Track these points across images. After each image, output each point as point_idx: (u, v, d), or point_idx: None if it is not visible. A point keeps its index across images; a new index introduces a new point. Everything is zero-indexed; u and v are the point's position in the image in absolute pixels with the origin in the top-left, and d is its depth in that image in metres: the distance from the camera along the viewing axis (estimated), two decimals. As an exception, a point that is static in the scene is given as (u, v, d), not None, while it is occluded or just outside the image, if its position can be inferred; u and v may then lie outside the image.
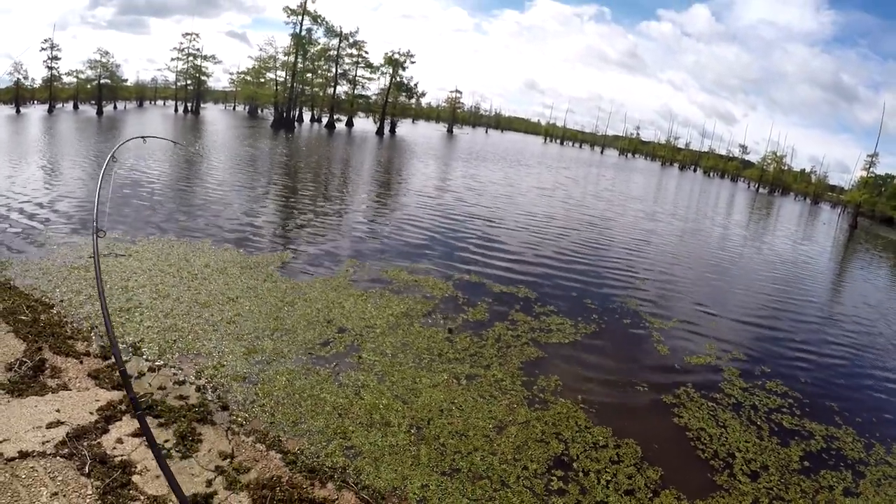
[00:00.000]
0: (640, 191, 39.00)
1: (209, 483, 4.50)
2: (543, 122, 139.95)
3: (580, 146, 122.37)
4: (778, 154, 79.94)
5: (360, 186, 24.98)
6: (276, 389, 6.28)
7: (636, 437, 6.23)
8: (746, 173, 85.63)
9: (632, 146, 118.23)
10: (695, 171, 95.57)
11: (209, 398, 5.94)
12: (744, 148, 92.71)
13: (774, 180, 76.31)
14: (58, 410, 5.27)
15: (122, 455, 4.71)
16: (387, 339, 8.03)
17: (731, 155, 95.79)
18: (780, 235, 26.69)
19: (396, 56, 76.78)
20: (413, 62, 78.70)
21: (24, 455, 4.55)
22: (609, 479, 5.43)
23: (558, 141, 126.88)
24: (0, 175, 18.39)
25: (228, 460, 4.85)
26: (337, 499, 4.56)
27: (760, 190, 73.26)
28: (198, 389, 6.09)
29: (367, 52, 77.75)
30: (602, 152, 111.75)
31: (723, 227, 25.45)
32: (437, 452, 5.45)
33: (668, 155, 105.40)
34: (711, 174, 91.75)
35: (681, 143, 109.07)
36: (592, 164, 67.48)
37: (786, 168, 79.55)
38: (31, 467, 4.43)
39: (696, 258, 16.69)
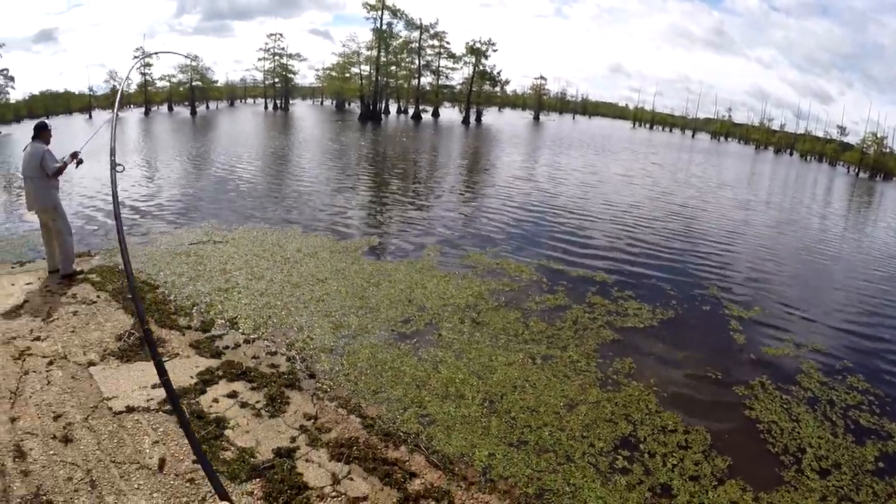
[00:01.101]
0: (732, 177, 37.29)
1: (293, 439, 4.92)
2: (631, 107, 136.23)
3: (670, 130, 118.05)
4: (878, 135, 74.49)
5: (446, 175, 25.39)
6: (359, 361, 6.69)
7: (706, 425, 6.16)
8: (845, 157, 79.30)
9: (723, 129, 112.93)
10: (790, 154, 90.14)
11: (298, 367, 6.42)
12: (842, 129, 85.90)
13: (875, 164, 70.55)
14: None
15: (217, 412, 5.22)
16: (466, 319, 8.31)
17: (828, 137, 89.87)
18: (880, 226, 25.12)
19: (478, 45, 76.89)
20: (495, 50, 78.70)
21: (130, 409, 5.15)
22: (675, 463, 5.43)
23: (647, 125, 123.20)
24: (104, 174, 19.81)
25: (312, 421, 5.27)
26: (408, 460, 4.88)
27: (861, 174, 67.91)
28: (288, 360, 6.59)
29: (448, 43, 78.36)
30: (693, 136, 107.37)
31: (819, 217, 24.00)
32: (507, 425, 5.67)
33: (762, 138, 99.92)
34: (808, 158, 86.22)
35: (775, 125, 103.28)
36: (682, 149, 65.06)
37: (887, 150, 73.77)
38: (136, 420, 5.00)
39: (787, 250, 15.90)
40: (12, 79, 70.77)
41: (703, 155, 59.05)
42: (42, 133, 8.73)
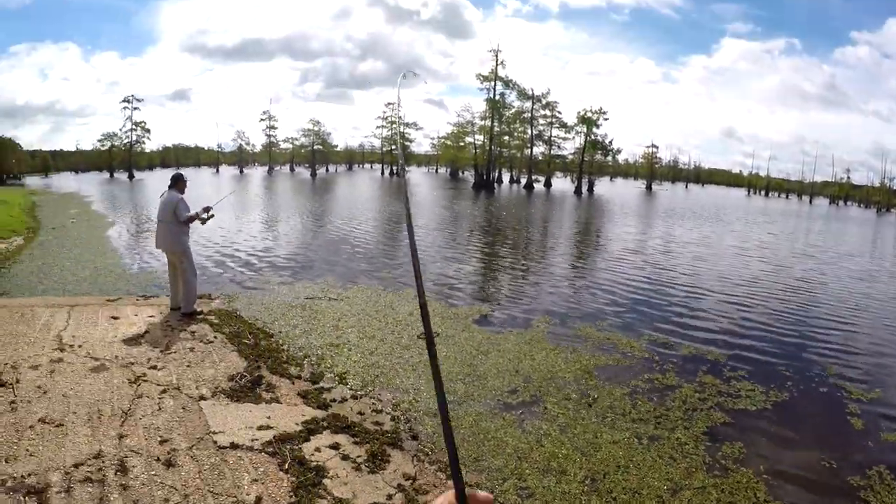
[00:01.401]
0: (853, 245, 34.87)
1: (390, 497, 4.94)
2: (745, 172, 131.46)
3: (786, 196, 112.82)
4: None
5: (557, 246, 25.33)
6: (463, 427, 6.68)
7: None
8: None
9: (842, 192, 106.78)
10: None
11: (401, 427, 6.48)
12: None
13: None
14: (268, 417, 6.10)
15: (317, 461, 5.33)
16: (572, 393, 8.15)
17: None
18: None
19: (589, 114, 77.11)
20: (606, 119, 78.71)
21: (234, 446, 5.36)
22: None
23: (762, 192, 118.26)
24: (230, 225, 21.22)
25: (410, 481, 5.27)
26: (502, 531, 4.80)
27: None
28: (392, 419, 6.67)
29: (559, 112, 79.25)
30: (811, 202, 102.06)
31: None
32: (608, 505, 5.46)
33: (884, 199, 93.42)
34: (937, 219, 79.82)
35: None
36: (800, 217, 62.09)
37: None
38: (239, 456, 5.20)
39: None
40: (148, 131, 78.69)
41: (821, 222, 55.91)
42: (178, 183, 9.60)
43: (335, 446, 5.68)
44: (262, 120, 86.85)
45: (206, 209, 9.67)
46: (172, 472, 4.80)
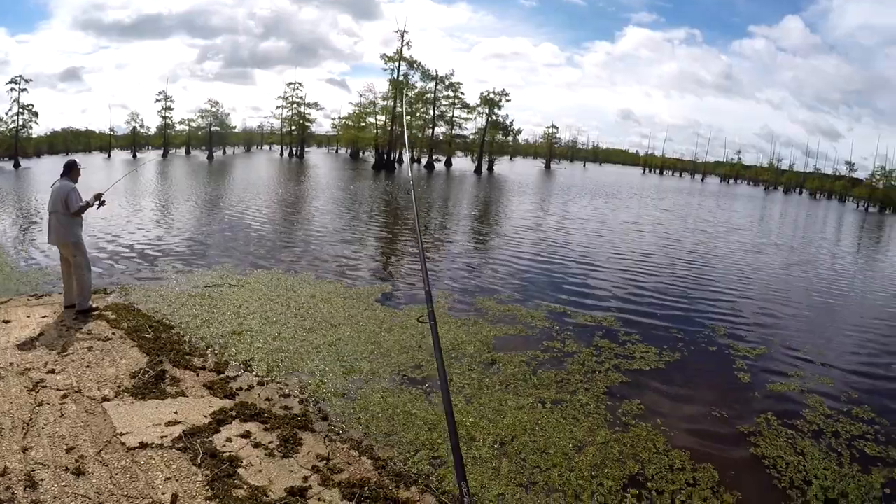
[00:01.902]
0: (742, 220, 37.23)
1: (305, 479, 4.97)
2: (641, 153, 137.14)
3: (680, 175, 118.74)
4: (887, 169, 74.62)
5: (457, 224, 25.66)
6: (371, 405, 6.76)
7: (713, 462, 6.18)
8: (855, 192, 79.40)
9: (733, 171, 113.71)
10: (800, 193, 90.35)
11: (311, 410, 6.49)
12: (850, 165, 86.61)
13: (885, 198, 70.49)
14: (175, 412, 5.97)
15: (230, 452, 5.29)
16: (476, 364, 8.40)
17: (837, 174, 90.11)
18: (890, 262, 25.00)
19: (492, 96, 78.16)
20: (508, 100, 79.97)
21: (143, 446, 5.22)
22: (683, 500, 5.46)
23: (657, 171, 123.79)
24: (121, 214, 20.27)
25: (324, 462, 5.32)
26: (418, 500, 4.91)
27: (870, 209, 67.80)
28: (301, 402, 6.67)
29: (462, 94, 79.63)
30: (703, 180, 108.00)
31: (829, 255, 23.78)
32: (517, 466, 5.71)
33: (772, 178, 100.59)
34: (818, 195, 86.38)
35: (784, 165, 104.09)
36: (692, 194, 65.58)
37: (896, 184, 73.72)
38: (150, 456, 5.07)
39: (796, 291, 15.75)
40: (36, 114, 72.70)
41: (712, 198, 59.28)
42: (71, 171, 9.06)
43: (246, 435, 5.65)
44: (157, 101, 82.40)
45: (98, 196, 9.20)
46: (83, 480, 4.63)
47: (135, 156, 68.33)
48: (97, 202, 9.14)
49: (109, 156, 64.84)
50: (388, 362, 8.17)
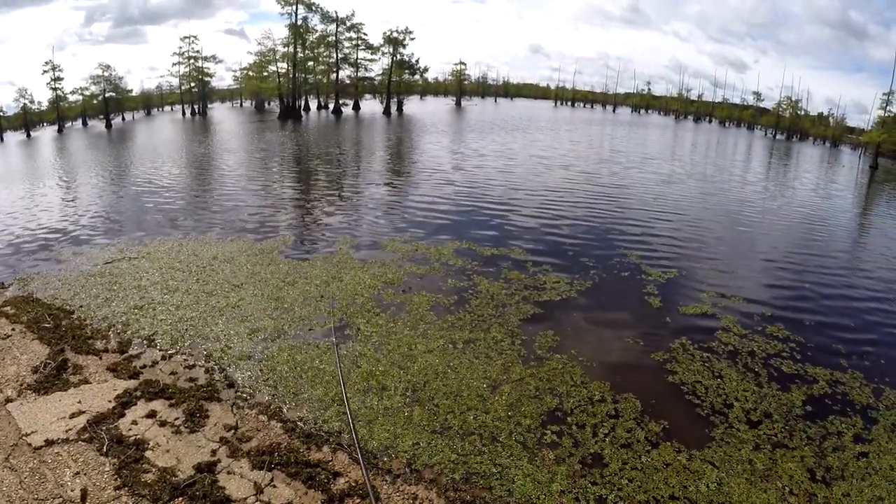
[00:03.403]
0: (655, 148, 38.05)
1: (214, 452, 4.90)
2: (552, 86, 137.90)
3: (591, 107, 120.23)
4: (793, 99, 77.94)
5: (365, 168, 25.23)
6: (278, 365, 6.69)
7: (634, 392, 6.37)
8: (762, 121, 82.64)
9: (644, 102, 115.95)
10: (710, 122, 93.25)
11: (217, 378, 6.38)
12: (758, 95, 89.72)
13: (791, 126, 73.76)
14: (79, 402, 5.76)
15: (136, 435, 5.16)
16: (383, 310, 8.41)
17: (745, 103, 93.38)
18: (796, 182, 26.11)
19: (395, 34, 76.43)
20: (413, 38, 78.20)
21: (49, 443, 5.03)
22: (606, 432, 5.62)
23: (569, 103, 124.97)
24: (15, 198, 18.98)
25: (232, 432, 5.27)
26: (331, 460, 4.92)
27: (778, 137, 70.88)
28: (206, 371, 6.54)
29: (365, 34, 77.33)
30: (614, 111, 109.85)
31: (739, 182, 24.49)
32: (430, 413, 5.77)
33: (682, 108, 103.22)
34: (727, 124, 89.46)
35: (693, 95, 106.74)
36: (605, 124, 66.67)
37: (802, 113, 77.44)
38: (56, 452, 4.90)
39: (708, 216, 16.30)
40: None
41: (625, 128, 60.41)
42: None
43: (151, 414, 5.51)
44: (45, 72, 76.46)
45: None
46: None
47: (29, 135, 63.67)
48: None
49: (2, 139, 60.23)
50: (292, 317, 8.11)
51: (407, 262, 10.58)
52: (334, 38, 76.20)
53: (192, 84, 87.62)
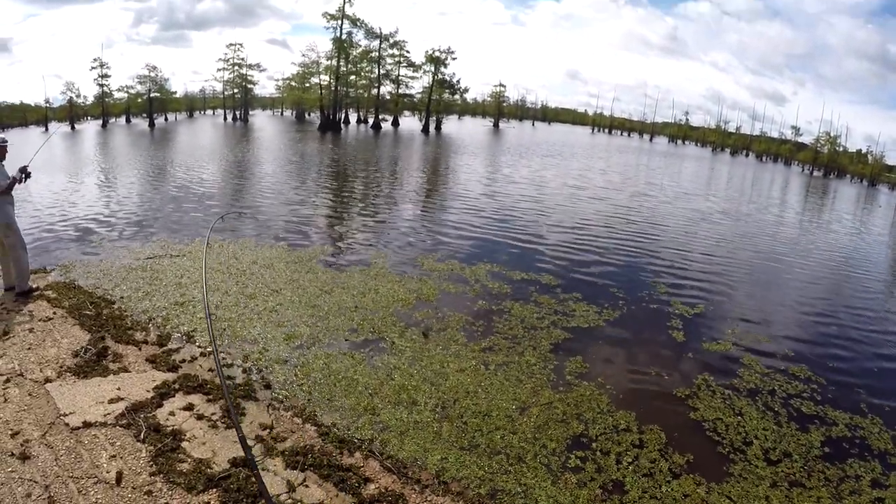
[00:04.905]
0: (690, 182, 37.72)
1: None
2: (590, 112, 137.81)
3: (628, 135, 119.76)
4: (831, 134, 76.61)
5: (403, 184, 25.56)
6: (313, 371, 6.82)
7: (659, 424, 6.39)
8: (800, 156, 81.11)
9: (681, 132, 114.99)
10: (746, 155, 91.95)
11: (253, 378, 6.53)
12: (796, 129, 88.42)
13: (829, 162, 72.44)
14: (118, 389, 5.93)
15: (173, 425, 5.30)
16: (417, 324, 8.58)
17: (783, 137, 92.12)
18: (832, 222, 25.78)
19: (437, 54, 77.32)
20: (454, 58, 79.33)
21: (87, 425, 5.19)
22: (630, 461, 5.65)
23: (606, 130, 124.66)
24: (60, 188, 19.55)
25: (267, 431, 5.39)
26: (362, 466, 5.02)
27: (815, 173, 69.45)
28: (244, 371, 6.70)
29: (408, 52, 78.54)
30: (651, 140, 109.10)
31: (774, 219, 24.17)
32: (459, 430, 5.84)
33: (719, 140, 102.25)
34: (764, 158, 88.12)
35: (731, 128, 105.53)
36: (641, 153, 66.31)
37: (840, 149, 76.15)
38: (94, 435, 5.05)
39: (739, 254, 16.14)
40: None
41: (660, 158, 59.98)
42: None
43: (189, 407, 5.65)
44: (93, 68, 78.44)
45: (23, 169, 8.81)
46: (29, 464, 4.60)
47: (73, 127, 65.19)
48: (23, 176, 8.77)
49: (47, 129, 61.71)
50: (327, 325, 8.26)
51: (442, 281, 10.75)
52: (377, 53, 77.32)
53: (236, 90, 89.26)
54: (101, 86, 78.62)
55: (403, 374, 6.94)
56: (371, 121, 79.61)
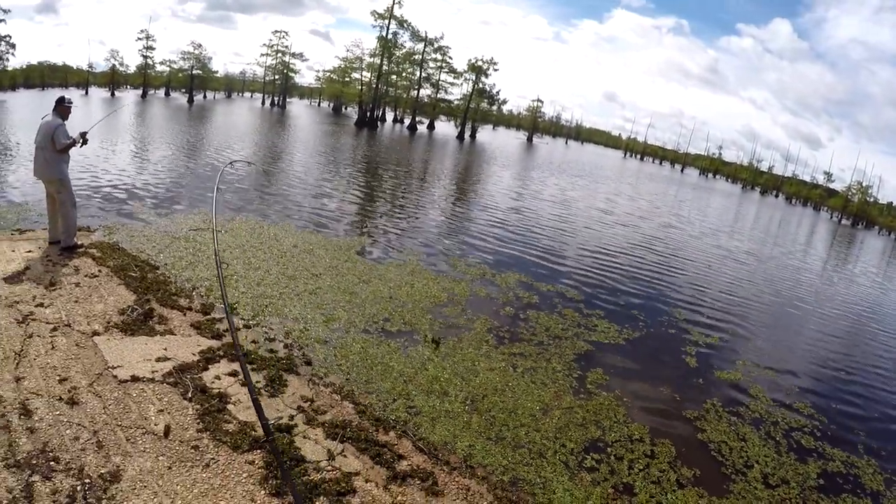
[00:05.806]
0: (718, 218, 37.58)
1: (291, 417, 5.29)
2: (624, 136, 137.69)
3: (660, 163, 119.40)
4: (864, 184, 76.10)
5: (437, 187, 25.91)
6: (351, 354, 7.12)
7: (671, 439, 6.67)
8: (830, 202, 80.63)
9: (713, 166, 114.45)
10: (776, 196, 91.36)
11: (295, 354, 6.82)
12: (828, 175, 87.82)
13: (858, 212, 71.96)
14: (165, 349, 6.19)
15: (219, 388, 5.57)
16: (451, 321, 8.88)
17: (814, 182, 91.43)
18: (856, 273, 25.71)
19: (480, 63, 77.80)
20: (496, 69, 79.82)
21: (135, 379, 5.44)
22: (641, 468, 5.93)
23: (638, 156, 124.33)
24: (104, 154, 20.09)
25: (309, 403, 5.66)
26: (396, 444, 5.29)
27: (843, 221, 69.08)
28: (285, 346, 6.99)
29: (450, 58, 79.15)
30: (682, 171, 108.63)
31: (798, 263, 24.05)
32: (487, 422, 6.11)
33: (750, 178, 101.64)
34: (793, 201, 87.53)
35: (763, 166, 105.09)
36: (671, 183, 66.31)
37: (871, 199, 75.51)
38: (141, 388, 5.30)
39: (759, 293, 16.21)
40: (13, 46, 69.22)
41: (690, 191, 59.83)
42: (60, 107, 8.94)
43: (234, 374, 5.90)
44: (139, 39, 79.98)
45: (83, 134, 9.20)
46: (77, 410, 4.82)
47: (113, 94, 66.33)
48: (81, 140, 9.15)
49: (87, 93, 62.82)
50: (363, 313, 8.56)
51: (475, 283, 11.09)
52: (420, 56, 77.82)
53: (277, 77, 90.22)
54: (146, 57, 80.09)
55: (436, 366, 7.23)
56: (407, 121, 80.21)
